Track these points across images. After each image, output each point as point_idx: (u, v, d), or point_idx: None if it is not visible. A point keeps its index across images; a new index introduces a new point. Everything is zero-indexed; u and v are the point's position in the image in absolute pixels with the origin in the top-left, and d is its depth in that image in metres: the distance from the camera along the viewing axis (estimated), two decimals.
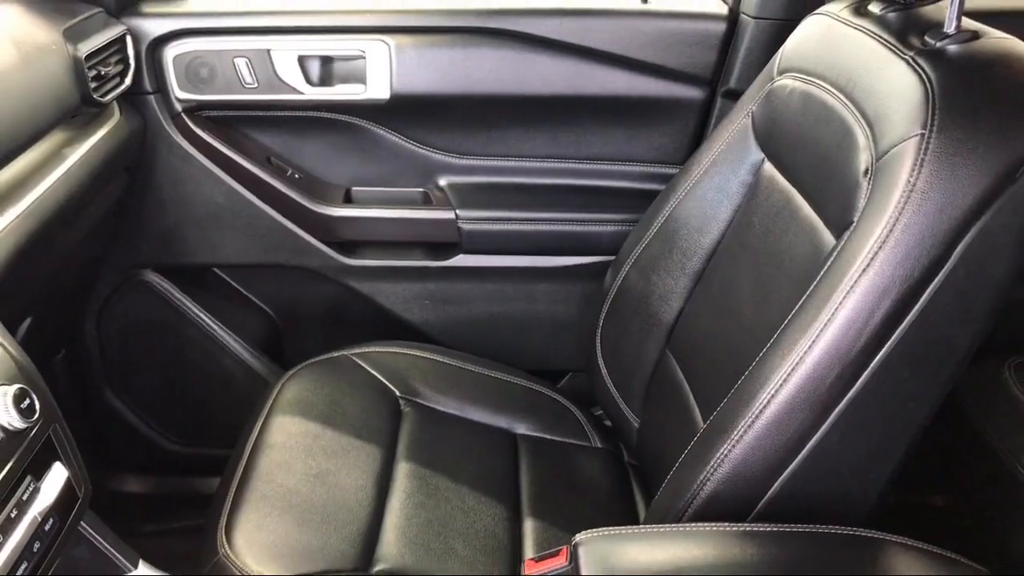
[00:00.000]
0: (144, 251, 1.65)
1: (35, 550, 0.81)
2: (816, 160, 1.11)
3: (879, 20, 1.12)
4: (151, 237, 1.64)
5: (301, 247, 1.66)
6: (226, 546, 1.12)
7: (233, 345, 1.71)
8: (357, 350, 1.53)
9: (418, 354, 1.55)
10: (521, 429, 1.49)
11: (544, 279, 1.71)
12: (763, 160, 1.27)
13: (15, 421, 0.82)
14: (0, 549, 0.77)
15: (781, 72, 1.26)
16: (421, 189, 1.71)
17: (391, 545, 1.18)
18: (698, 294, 1.33)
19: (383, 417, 1.40)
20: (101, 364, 1.72)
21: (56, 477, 0.86)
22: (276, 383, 1.44)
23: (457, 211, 1.65)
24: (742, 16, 1.53)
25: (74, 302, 1.64)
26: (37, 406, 0.85)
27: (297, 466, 1.25)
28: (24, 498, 0.82)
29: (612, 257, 1.50)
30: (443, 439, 1.40)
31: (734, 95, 1.48)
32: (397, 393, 1.46)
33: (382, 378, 1.48)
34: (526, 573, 1.02)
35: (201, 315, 1.70)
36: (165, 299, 1.68)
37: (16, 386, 0.84)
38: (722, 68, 1.56)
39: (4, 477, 0.79)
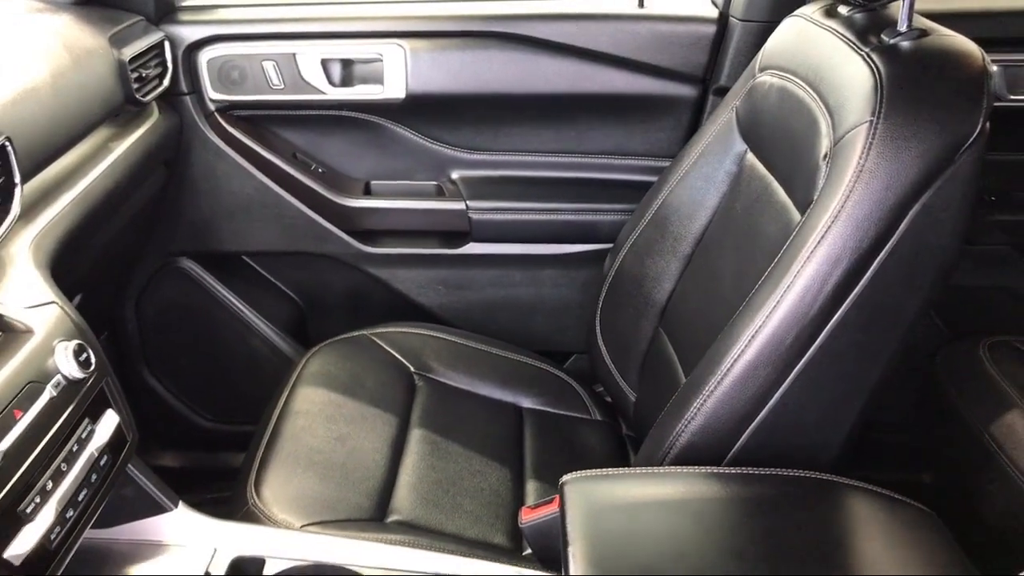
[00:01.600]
0: (180, 240, 1.77)
1: (92, 481, 0.94)
2: (789, 148, 1.21)
3: (845, 20, 1.22)
4: (186, 227, 1.76)
5: (324, 236, 1.77)
6: (255, 497, 1.23)
7: (261, 327, 1.83)
8: (375, 330, 1.64)
9: (431, 334, 1.66)
10: (526, 403, 1.59)
11: (549, 265, 1.81)
12: (746, 151, 1.37)
13: (75, 371, 0.95)
14: (65, 476, 0.89)
15: (762, 69, 1.36)
16: (434, 182, 1.82)
17: (404, 500, 1.29)
18: (687, 275, 1.44)
19: (399, 390, 1.51)
20: (140, 345, 1.84)
21: (109, 421, 0.99)
22: (301, 359, 1.56)
23: (468, 202, 1.76)
24: (731, 19, 1.63)
25: (115, 287, 1.77)
26: (93, 360, 0.98)
27: (319, 430, 1.37)
28: (83, 436, 0.94)
29: (611, 245, 1.60)
30: (453, 410, 1.51)
31: (724, 92, 1.56)
32: (412, 369, 1.57)
33: (398, 355, 1.59)
34: (523, 518, 1.15)
35: (232, 299, 1.81)
36: (199, 284, 1.80)
37: (75, 342, 0.97)
38: (713, 67, 1.66)
39: (66, 418, 0.92)
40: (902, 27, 1.10)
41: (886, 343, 1.06)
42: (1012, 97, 1.64)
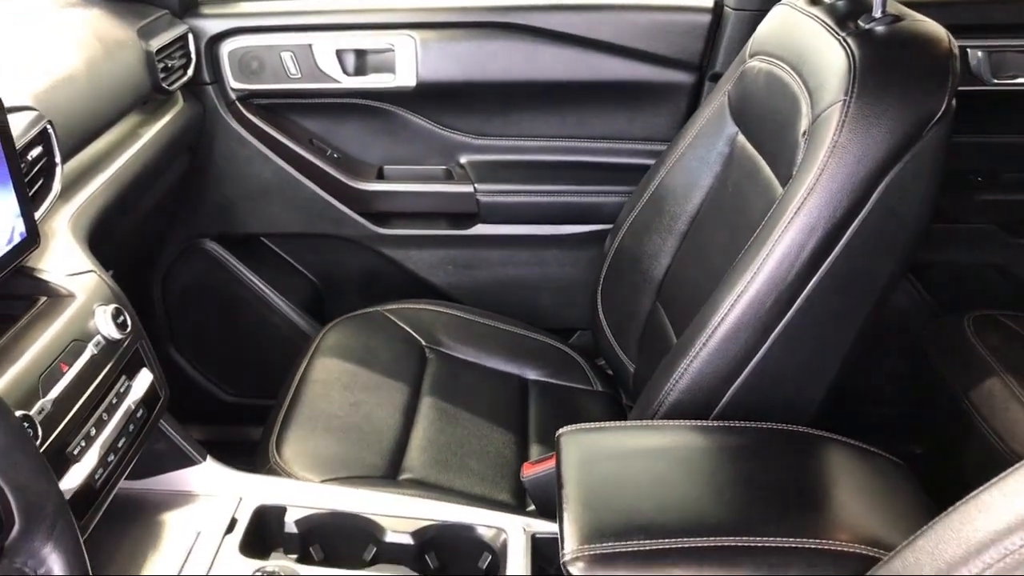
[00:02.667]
0: (203, 222, 1.87)
1: (130, 430, 1.03)
2: (774, 128, 1.29)
3: (827, 8, 1.30)
4: (209, 209, 1.85)
5: (339, 218, 1.86)
6: (276, 456, 1.32)
7: (280, 305, 1.92)
8: (388, 307, 1.72)
9: (441, 310, 1.74)
10: (531, 375, 1.67)
11: (553, 245, 1.89)
12: (737, 132, 1.45)
13: (113, 332, 1.04)
14: (106, 425, 0.99)
15: (752, 55, 1.44)
16: (444, 166, 1.90)
17: (415, 460, 1.37)
18: (683, 251, 1.51)
19: (410, 361, 1.60)
20: (166, 323, 1.94)
21: (143, 379, 1.08)
22: (319, 333, 1.65)
23: (476, 185, 1.84)
24: (725, 7, 1.71)
25: (143, 268, 1.87)
26: (129, 323, 1.07)
27: (336, 396, 1.46)
28: (121, 391, 1.04)
29: (613, 225, 1.68)
30: (462, 381, 1.59)
31: (719, 78, 1.64)
32: (423, 343, 1.66)
33: (410, 330, 1.67)
34: (524, 473, 1.23)
35: (252, 279, 1.90)
36: (221, 265, 1.90)
37: (113, 306, 1.06)
38: (708, 54, 1.74)
39: (106, 374, 1.01)
40: (877, 13, 1.18)
41: (860, 307, 1.14)
42: (996, 81, 1.71)
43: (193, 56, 1.70)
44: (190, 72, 1.69)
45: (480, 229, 1.88)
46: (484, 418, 1.50)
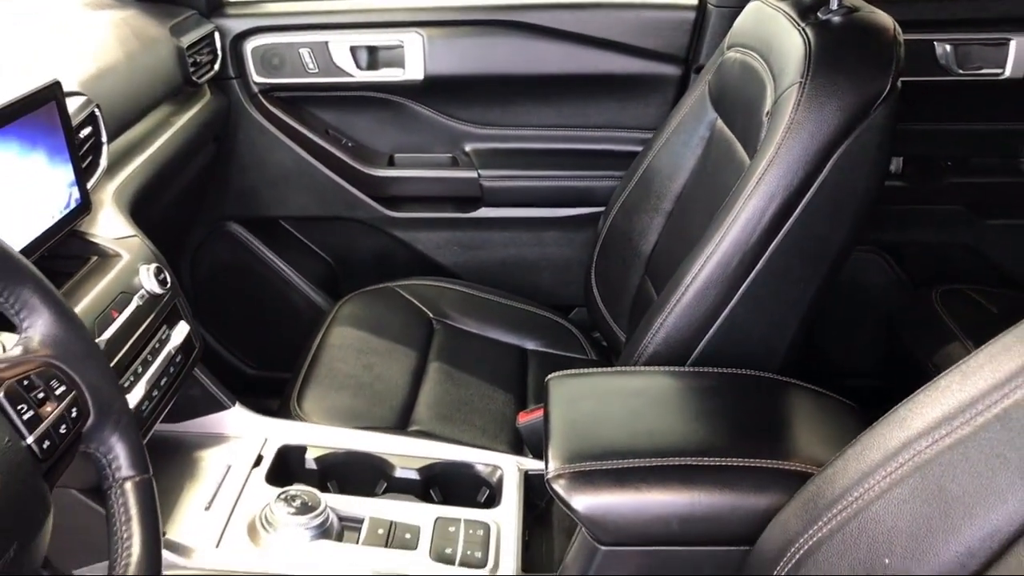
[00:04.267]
0: (228, 206, 2.01)
1: (170, 372, 1.17)
2: (745, 111, 1.42)
3: (793, 2, 1.43)
4: (233, 194, 2.00)
5: (353, 202, 2.00)
6: (297, 409, 1.46)
7: (298, 283, 2.06)
8: (399, 283, 1.86)
9: (448, 286, 1.88)
10: (530, 345, 1.80)
11: (552, 227, 2.03)
12: (716, 118, 1.58)
13: (155, 288, 1.18)
14: (151, 365, 1.13)
15: (729, 47, 1.57)
16: (450, 154, 2.04)
17: (422, 414, 1.51)
18: (668, 228, 1.64)
19: (419, 331, 1.73)
20: (193, 301, 2.07)
21: (181, 330, 1.22)
22: (334, 305, 1.79)
23: (479, 171, 1.98)
24: (708, 5, 1.85)
25: (173, 251, 2.00)
26: (169, 280, 1.22)
27: (351, 359, 1.60)
28: (162, 338, 1.18)
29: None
30: (466, 349, 1.73)
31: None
32: (430, 315, 1.79)
33: (418, 303, 1.81)
34: (520, 421, 1.37)
35: (273, 258, 2.04)
36: (244, 246, 2.04)
37: (155, 264, 1.21)
38: (693, 48, 1.88)
39: (149, 322, 1.16)
40: (834, 6, 1.31)
41: (817, 268, 1.27)
42: (961, 72, 1.84)
43: (219, 53, 1.85)
44: (216, 67, 1.84)
45: (483, 212, 2.01)
46: (486, 381, 1.64)
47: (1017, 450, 0.68)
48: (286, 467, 1.29)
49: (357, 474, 1.30)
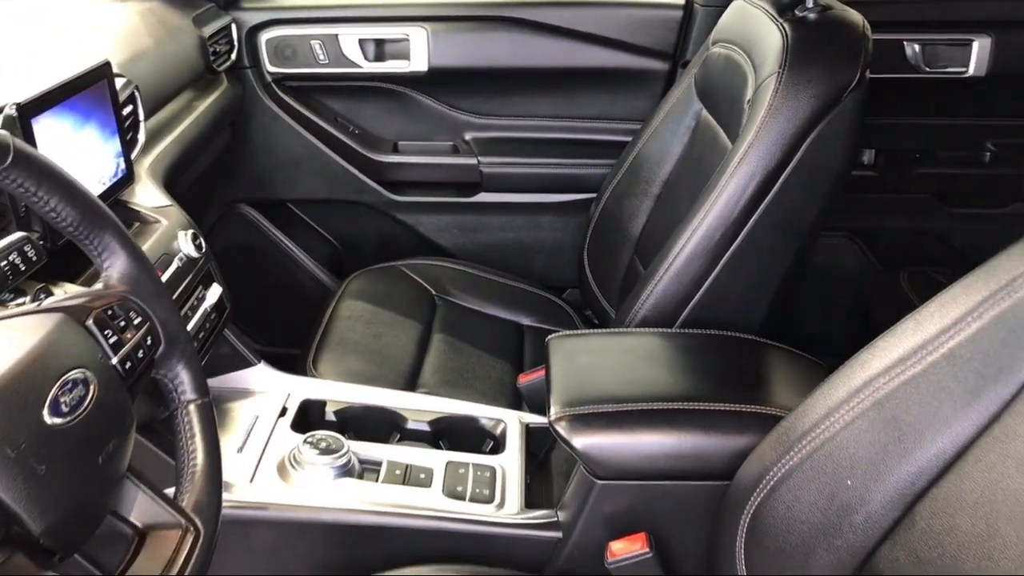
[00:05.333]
0: (241, 189, 2.12)
1: (206, 328, 1.29)
2: (728, 100, 1.55)
3: (772, 1, 1.56)
4: (247, 178, 2.11)
5: (359, 186, 2.12)
6: (313, 371, 1.58)
7: (307, 263, 2.17)
8: (404, 262, 1.98)
9: (450, 266, 2.00)
10: (526, 322, 1.92)
11: (547, 212, 2.15)
12: (701, 109, 1.71)
13: (192, 251, 1.30)
14: (189, 321, 1.25)
15: (714, 43, 1.70)
16: (451, 142, 2.15)
17: (428, 378, 1.62)
18: (656, 211, 1.76)
19: (423, 306, 1.85)
20: None
21: (215, 291, 1.34)
22: (343, 283, 1.90)
23: (479, 158, 2.10)
24: (695, 4, 1.98)
25: None
26: (204, 245, 1.34)
27: (360, 329, 1.72)
28: (199, 297, 1.30)
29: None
30: (467, 323, 1.84)
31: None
32: (433, 292, 1.91)
33: (422, 281, 1.92)
34: (520, 381, 1.49)
35: (283, 239, 2.15)
36: (256, 227, 2.15)
37: (191, 230, 1.32)
38: (680, 44, 2.01)
39: (188, 283, 1.27)
40: (809, 3, 1.44)
41: (792, 241, 1.40)
42: (928, 69, 1.98)
43: (235, 43, 1.96)
44: (233, 57, 1.95)
45: (483, 197, 2.13)
46: (486, 352, 1.75)
47: (960, 382, 0.79)
48: (308, 419, 1.41)
49: (373, 426, 1.42)
